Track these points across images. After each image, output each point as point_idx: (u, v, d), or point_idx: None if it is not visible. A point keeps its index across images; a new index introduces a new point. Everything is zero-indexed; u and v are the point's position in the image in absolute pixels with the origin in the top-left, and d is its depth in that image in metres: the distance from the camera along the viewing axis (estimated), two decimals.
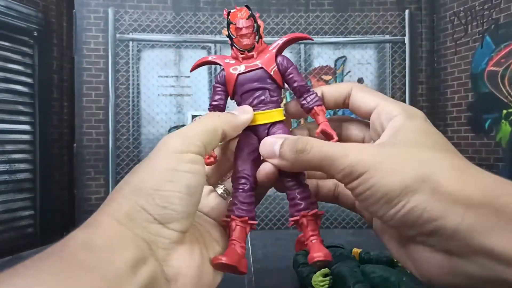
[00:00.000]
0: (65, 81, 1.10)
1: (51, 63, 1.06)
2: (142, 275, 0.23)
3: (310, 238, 0.30)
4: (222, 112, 0.33)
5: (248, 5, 0.33)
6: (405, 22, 1.21)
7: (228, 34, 0.33)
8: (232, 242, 0.30)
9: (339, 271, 0.55)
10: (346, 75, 1.23)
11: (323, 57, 1.23)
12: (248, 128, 0.33)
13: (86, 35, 1.14)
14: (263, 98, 0.32)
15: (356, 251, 0.66)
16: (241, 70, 0.32)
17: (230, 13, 0.33)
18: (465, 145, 1.10)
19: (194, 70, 0.35)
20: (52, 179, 1.05)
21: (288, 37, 0.33)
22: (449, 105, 1.17)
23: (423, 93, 1.21)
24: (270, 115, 0.32)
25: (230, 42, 0.33)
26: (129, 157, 1.16)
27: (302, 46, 1.23)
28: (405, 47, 1.21)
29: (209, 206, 0.33)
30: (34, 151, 0.99)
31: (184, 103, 1.21)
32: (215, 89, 0.34)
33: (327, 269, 0.56)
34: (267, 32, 1.19)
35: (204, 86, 1.20)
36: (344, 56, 1.23)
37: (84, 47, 1.14)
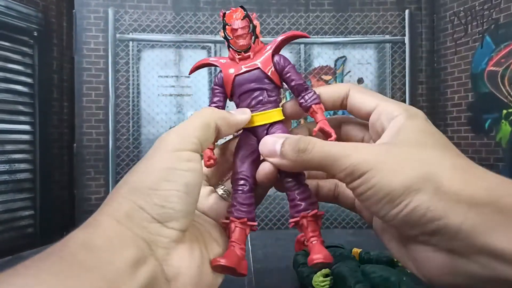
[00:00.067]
0: (65, 81, 1.10)
1: (51, 63, 1.06)
2: (142, 275, 0.23)
3: (311, 239, 0.30)
4: None
5: (243, 5, 0.33)
6: (405, 22, 1.21)
7: (224, 35, 0.33)
8: (231, 244, 0.30)
9: (340, 271, 0.55)
10: (346, 75, 1.23)
11: (323, 57, 1.23)
12: (247, 129, 0.33)
13: (86, 35, 1.14)
14: (261, 98, 0.32)
15: (356, 251, 0.66)
16: (238, 71, 0.32)
17: (226, 14, 0.32)
18: (465, 145, 1.10)
19: (192, 72, 0.35)
20: (52, 179, 1.05)
21: (284, 35, 0.33)
22: (449, 105, 1.17)
23: (423, 93, 1.21)
24: (269, 116, 0.32)
25: (227, 44, 0.33)
26: (129, 157, 1.16)
27: (302, 46, 1.23)
28: (405, 47, 1.21)
29: (209, 207, 0.33)
30: (34, 151, 0.99)
31: (184, 103, 1.21)
32: (214, 91, 0.34)
33: (328, 269, 0.56)
34: (267, 32, 1.19)
35: (204, 86, 1.20)
36: (344, 56, 1.23)
37: (84, 47, 1.14)
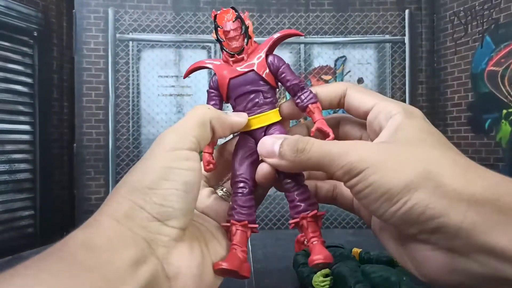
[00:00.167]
0: (65, 81, 1.10)
1: (51, 63, 1.06)
2: (142, 274, 0.23)
3: (311, 239, 0.30)
4: None
5: (234, 6, 0.32)
6: (405, 22, 1.21)
7: (216, 37, 0.32)
8: (233, 247, 0.30)
9: (340, 271, 0.55)
10: (346, 75, 1.23)
11: (323, 57, 1.23)
12: (244, 132, 0.33)
13: (86, 35, 1.14)
14: (257, 100, 0.32)
15: (356, 251, 0.66)
16: (232, 74, 0.32)
17: (217, 15, 0.32)
18: (465, 145, 1.10)
19: (187, 76, 0.34)
20: (52, 179, 1.05)
21: (278, 35, 0.33)
22: (449, 105, 1.17)
23: (423, 93, 1.21)
24: (266, 118, 0.32)
25: (220, 46, 0.32)
26: (129, 157, 1.16)
27: (302, 46, 1.23)
28: (405, 47, 1.21)
29: (210, 208, 0.33)
30: (34, 151, 0.99)
31: (184, 103, 1.21)
32: (209, 94, 0.33)
33: (328, 269, 0.56)
34: (267, 32, 1.19)
35: (204, 86, 1.20)
36: (344, 56, 1.23)
37: (84, 47, 1.14)
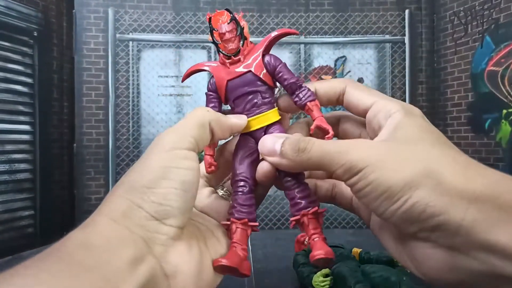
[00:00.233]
0: (65, 81, 1.10)
1: (51, 63, 1.06)
2: (141, 273, 0.23)
3: (312, 236, 0.30)
4: None
5: (228, 8, 0.32)
6: (405, 22, 1.21)
7: (212, 40, 0.32)
8: (233, 244, 0.30)
9: (340, 271, 0.55)
10: (346, 75, 1.23)
11: (323, 57, 1.23)
12: (244, 133, 0.33)
13: (86, 35, 1.14)
14: (256, 101, 0.32)
15: (356, 251, 0.66)
16: (230, 76, 0.32)
17: (211, 18, 0.32)
18: (465, 145, 1.10)
19: (185, 79, 0.35)
20: (52, 179, 1.05)
21: (275, 33, 0.33)
22: (449, 105, 1.17)
23: (423, 93, 1.21)
24: (265, 118, 0.32)
25: (216, 48, 0.32)
26: (129, 157, 1.16)
27: (302, 46, 1.23)
28: (405, 47, 1.21)
29: (210, 207, 0.33)
30: (34, 151, 0.99)
31: (184, 103, 1.21)
32: (208, 96, 0.34)
33: (328, 269, 0.56)
34: (267, 32, 1.19)
35: (204, 86, 1.20)
36: (344, 56, 1.23)
37: (84, 47, 1.14)
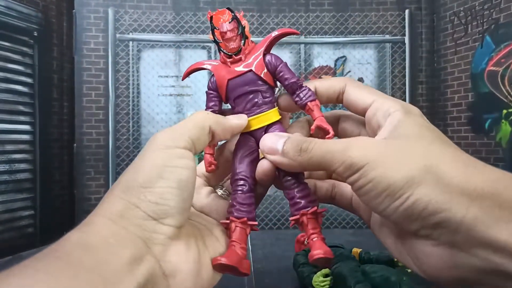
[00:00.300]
0: (65, 81, 1.10)
1: (51, 63, 1.06)
2: (140, 273, 0.23)
3: (311, 236, 0.30)
4: None
5: (229, 7, 0.32)
6: (405, 22, 1.21)
7: (213, 39, 0.32)
8: (232, 243, 0.30)
9: (340, 271, 0.55)
10: (346, 75, 1.23)
11: (323, 57, 1.23)
12: (245, 132, 0.33)
13: (86, 35, 1.14)
14: (256, 100, 0.32)
15: (356, 251, 0.66)
16: (231, 75, 0.32)
17: (213, 17, 0.32)
18: (465, 145, 1.10)
19: (185, 78, 0.35)
20: (52, 179, 1.05)
21: (275, 33, 0.33)
22: (449, 105, 1.17)
23: (423, 93, 1.22)
24: (266, 118, 0.32)
25: (217, 47, 0.32)
26: (129, 157, 1.16)
27: (302, 46, 1.23)
28: (405, 47, 1.21)
29: (209, 207, 0.33)
30: (34, 151, 0.99)
31: (184, 103, 1.21)
32: (208, 95, 0.34)
33: (328, 269, 0.56)
34: (267, 32, 1.19)
35: (204, 86, 1.20)
36: (344, 56, 1.23)
37: (84, 47, 1.14)
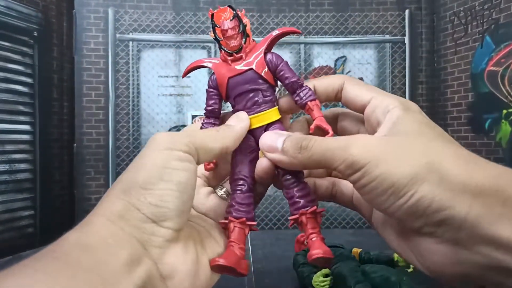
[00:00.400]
0: (65, 81, 1.10)
1: (51, 63, 1.06)
2: (137, 275, 0.23)
3: (310, 236, 0.30)
4: (217, 117, 0.33)
5: (231, 5, 0.32)
6: (405, 22, 1.21)
7: (214, 36, 0.32)
8: (230, 243, 0.30)
9: (340, 271, 0.55)
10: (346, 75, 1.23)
11: (323, 57, 1.23)
12: None
13: (86, 35, 1.14)
14: (257, 99, 0.32)
15: (356, 251, 0.66)
16: (231, 74, 0.32)
17: (214, 14, 0.32)
18: (465, 145, 1.09)
19: (186, 75, 0.34)
20: (52, 179, 1.05)
21: (276, 32, 0.33)
22: (449, 105, 1.17)
23: (423, 93, 1.22)
24: (266, 117, 0.32)
25: (218, 45, 0.32)
26: (129, 157, 1.16)
27: (302, 46, 1.23)
28: (405, 47, 1.21)
29: (209, 207, 0.33)
30: (34, 151, 0.99)
31: (184, 103, 1.21)
32: (209, 93, 0.33)
33: (328, 269, 0.56)
34: (267, 32, 1.19)
35: (204, 86, 1.20)
36: (344, 56, 1.23)
37: (84, 47, 1.14)
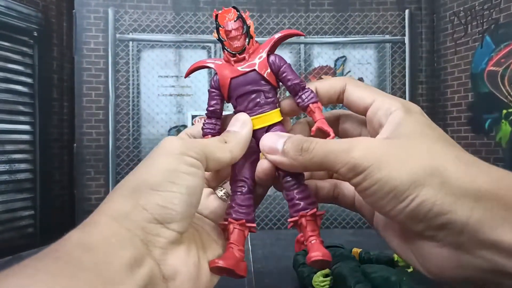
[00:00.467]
0: (65, 81, 1.10)
1: (51, 63, 1.06)
2: (139, 275, 0.23)
3: (309, 238, 0.30)
4: (219, 118, 0.33)
5: (235, 6, 0.32)
6: (405, 22, 1.21)
7: (218, 37, 0.32)
8: (230, 245, 0.30)
9: (340, 271, 0.55)
10: (346, 75, 1.23)
11: (323, 57, 1.23)
12: None
13: (86, 35, 1.14)
14: (259, 100, 0.32)
15: (356, 251, 0.66)
16: (234, 74, 0.32)
17: (218, 15, 0.32)
18: (465, 145, 1.10)
19: (188, 75, 0.35)
20: (52, 179, 1.05)
21: (279, 34, 0.33)
22: (449, 105, 1.17)
23: (423, 93, 1.21)
24: (268, 118, 0.32)
25: (221, 46, 0.32)
26: (129, 157, 1.16)
27: (302, 46, 1.23)
28: (405, 47, 1.21)
29: (208, 208, 0.33)
30: (34, 151, 0.99)
31: (184, 103, 1.21)
32: (211, 93, 0.33)
33: (328, 269, 0.56)
34: (267, 32, 1.19)
35: (204, 86, 1.20)
36: (344, 56, 1.23)
37: (84, 47, 1.14)
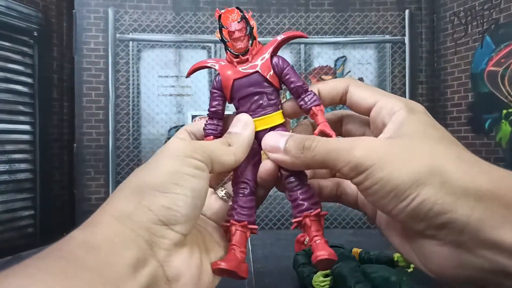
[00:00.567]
0: (65, 81, 1.10)
1: (51, 63, 1.06)
2: (143, 276, 0.23)
3: (314, 238, 0.30)
4: (220, 118, 0.33)
5: (239, 6, 0.32)
6: (405, 22, 1.21)
7: (221, 38, 0.32)
8: (232, 247, 0.30)
9: (340, 271, 0.55)
10: (346, 75, 1.23)
11: (323, 57, 1.23)
12: None
13: (86, 35, 1.14)
14: (261, 102, 0.32)
15: (356, 251, 0.66)
16: (236, 76, 0.32)
17: (221, 15, 0.32)
18: (465, 145, 1.08)
19: (190, 75, 0.34)
20: (52, 179, 1.05)
21: (283, 36, 0.33)
22: (449, 105, 1.17)
23: (423, 93, 1.22)
24: (270, 120, 0.32)
25: (224, 46, 0.32)
26: (129, 157, 1.16)
27: (302, 46, 1.23)
28: (405, 47, 1.21)
29: (210, 209, 0.33)
30: (34, 151, 0.99)
31: (184, 103, 1.21)
32: (213, 94, 0.33)
33: (328, 269, 0.56)
34: (267, 32, 1.19)
35: (204, 86, 1.20)
36: (344, 56, 1.23)
37: (84, 47, 1.14)
